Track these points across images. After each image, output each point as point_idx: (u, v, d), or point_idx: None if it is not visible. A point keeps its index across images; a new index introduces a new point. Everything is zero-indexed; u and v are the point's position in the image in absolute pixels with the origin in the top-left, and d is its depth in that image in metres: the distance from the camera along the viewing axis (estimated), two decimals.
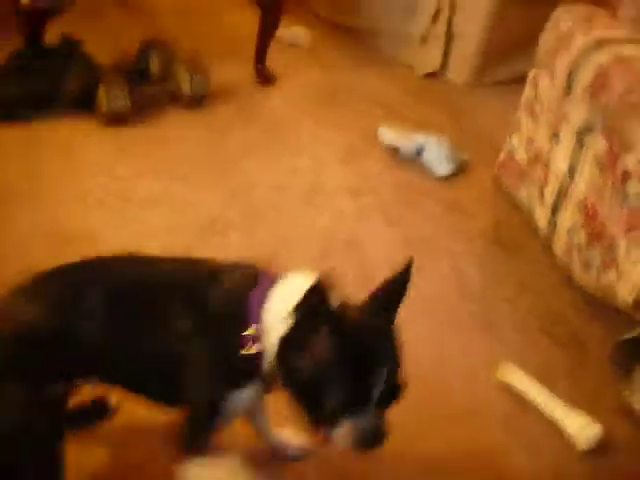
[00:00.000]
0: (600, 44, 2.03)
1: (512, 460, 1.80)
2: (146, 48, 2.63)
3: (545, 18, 2.90)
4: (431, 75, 3.20)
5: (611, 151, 1.89)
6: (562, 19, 2.26)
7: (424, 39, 3.17)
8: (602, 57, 1.99)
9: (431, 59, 3.16)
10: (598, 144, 1.96)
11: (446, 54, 3.14)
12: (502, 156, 2.49)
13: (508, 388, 1.98)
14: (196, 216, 2.38)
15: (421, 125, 2.82)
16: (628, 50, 1.99)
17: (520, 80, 2.87)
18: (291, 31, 3.21)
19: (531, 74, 2.39)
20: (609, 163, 1.90)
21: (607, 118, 1.90)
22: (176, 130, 2.64)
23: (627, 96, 1.84)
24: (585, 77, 2.02)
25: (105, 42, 2.88)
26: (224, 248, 2.27)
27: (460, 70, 3.12)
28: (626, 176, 1.83)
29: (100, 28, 2.98)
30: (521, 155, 2.37)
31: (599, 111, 1.94)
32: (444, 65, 3.14)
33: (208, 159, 2.55)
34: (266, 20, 2.71)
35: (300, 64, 3.12)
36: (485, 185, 2.65)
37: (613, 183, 1.88)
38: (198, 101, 2.59)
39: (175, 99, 2.61)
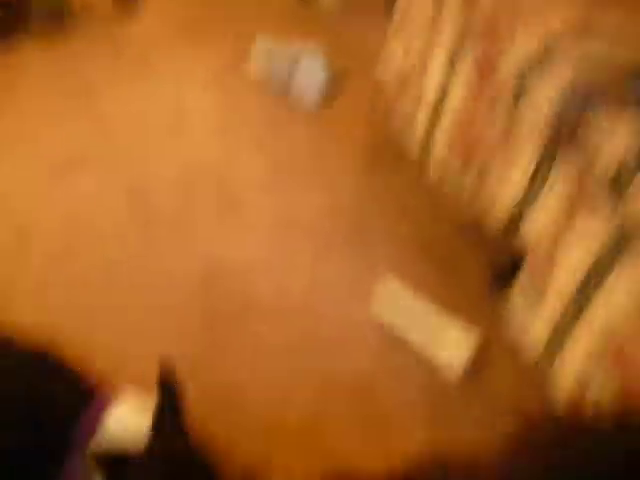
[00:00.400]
0: None
1: (382, 390, 1.76)
2: None
3: None
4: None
5: (487, 57, 1.82)
6: None
7: None
8: None
9: None
10: (474, 52, 1.88)
11: None
12: (380, 68, 2.36)
13: (381, 316, 1.94)
14: (50, 154, 2.20)
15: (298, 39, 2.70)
16: None
17: None
18: None
19: None
20: (484, 73, 1.83)
21: (483, 20, 1.82)
22: (28, 57, 2.41)
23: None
24: None
25: None
26: (80, 189, 2.12)
27: None
28: (498, 92, 1.76)
29: None
30: (399, 66, 2.27)
31: (475, 14, 1.85)
32: None
33: (65, 90, 2.34)
34: None
35: None
36: (363, 101, 2.54)
37: (488, 99, 1.81)
38: (54, 20, 2.34)
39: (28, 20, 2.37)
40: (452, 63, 1.97)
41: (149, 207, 2.06)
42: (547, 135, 1.60)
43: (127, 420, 1.15)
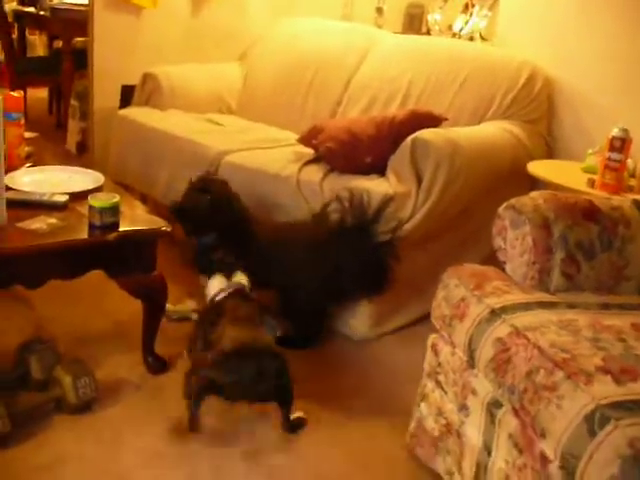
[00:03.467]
0: (496, 314, 1.91)
1: None
2: (25, 350, 2.40)
3: (433, 261, 2.98)
4: (333, 334, 3.03)
5: (525, 432, 1.74)
6: (452, 283, 2.12)
7: None
8: (499, 330, 1.86)
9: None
10: (510, 422, 1.80)
11: (343, 312, 3.03)
12: (412, 425, 2.29)
13: None
14: None
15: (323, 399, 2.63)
16: (525, 319, 1.86)
17: (417, 322, 3.02)
18: (180, 305, 3.02)
19: (430, 340, 2.22)
20: (525, 444, 1.74)
21: (515, 399, 1.74)
22: (59, 447, 2.34)
23: (533, 376, 1.68)
24: (486, 352, 1.87)
25: None
26: None
27: (356, 326, 2.99)
28: (545, 460, 1.66)
29: None
30: (431, 424, 2.19)
31: (506, 390, 1.79)
32: (342, 323, 3.04)
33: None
34: (150, 311, 2.54)
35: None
36: (397, 454, 2.46)
37: (532, 467, 1.72)
38: (85, 406, 2.36)
39: (60, 406, 2.35)
40: (492, 419, 1.89)
41: None
42: None
43: None
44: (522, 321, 1.85)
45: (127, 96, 4.09)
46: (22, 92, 2.96)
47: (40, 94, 6.13)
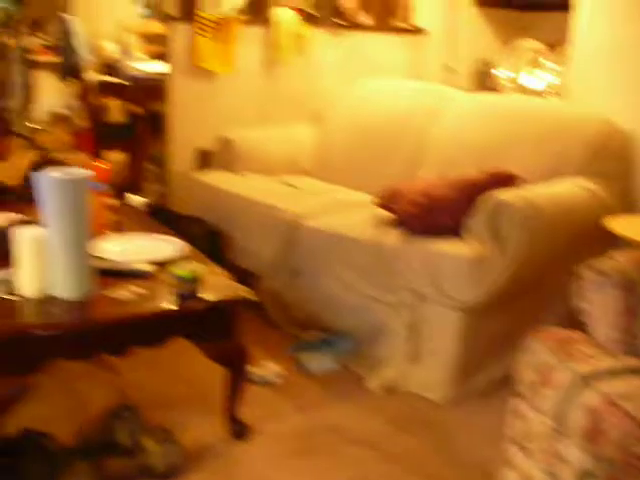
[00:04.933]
0: (585, 381, 1.86)
1: None
2: (111, 417, 2.49)
3: (511, 321, 3.01)
4: (409, 395, 3.03)
5: None
6: (535, 347, 2.08)
7: (394, 359, 3.08)
8: (589, 397, 1.81)
9: (404, 378, 3.07)
10: None
11: (420, 372, 3.05)
12: None
13: None
14: None
15: (408, 463, 2.61)
16: (616, 386, 1.82)
17: (498, 383, 2.93)
18: (261, 368, 3.06)
19: (512, 403, 2.17)
20: None
21: (611, 471, 1.71)
22: None
23: (630, 448, 1.65)
24: (576, 421, 1.83)
25: (69, 406, 2.74)
26: None
27: (436, 387, 3.00)
28: None
29: (63, 388, 2.83)
30: None
31: (601, 462, 1.74)
32: (420, 383, 3.04)
33: None
34: (232, 377, 2.58)
35: (273, 406, 2.91)
36: None
37: None
38: (170, 473, 2.43)
39: (145, 473, 2.43)
40: None
41: None
42: None
43: None
44: (613, 388, 1.81)
45: (203, 160, 4.18)
46: (109, 163, 3.03)
47: (115, 157, 6.29)
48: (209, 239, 3.62)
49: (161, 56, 5.39)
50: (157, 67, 5.03)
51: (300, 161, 4.25)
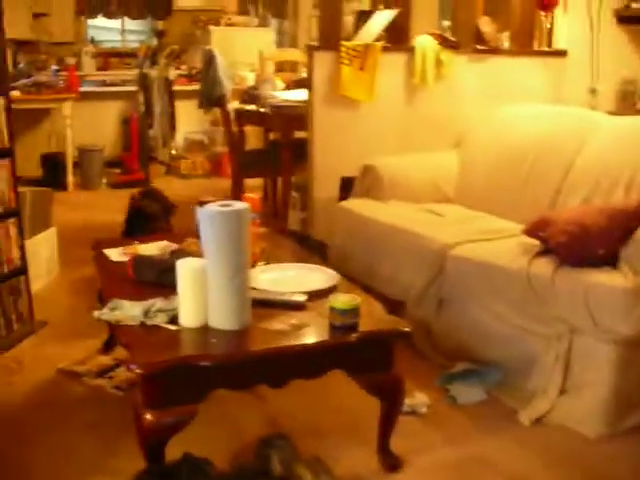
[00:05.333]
0: None
1: None
2: (265, 445, 2.53)
3: None
4: (561, 429, 2.93)
5: None
6: None
7: (545, 391, 2.99)
8: None
9: (556, 411, 2.97)
10: None
11: (572, 405, 2.95)
12: None
13: None
14: None
15: None
16: None
17: None
18: (410, 398, 2.99)
19: None
20: None
21: None
22: None
23: None
24: None
25: (222, 432, 2.81)
26: None
27: (589, 421, 2.89)
28: None
29: (217, 414, 2.85)
30: None
31: None
32: (572, 417, 2.93)
33: None
34: (387, 409, 2.56)
35: (422, 437, 2.88)
36: None
37: None
38: None
39: None
40: None
41: None
42: None
43: None
44: None
45: (346, 187, 4.21)
46: (257, 195, 3.08)
47: (254, 182, 6.42)
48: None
49: (299, 83, 5.50)
50: (297, 95, 5.11)
51: (443, 187, 4.21)
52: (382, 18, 4.35)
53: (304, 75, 5.90)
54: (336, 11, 4.32)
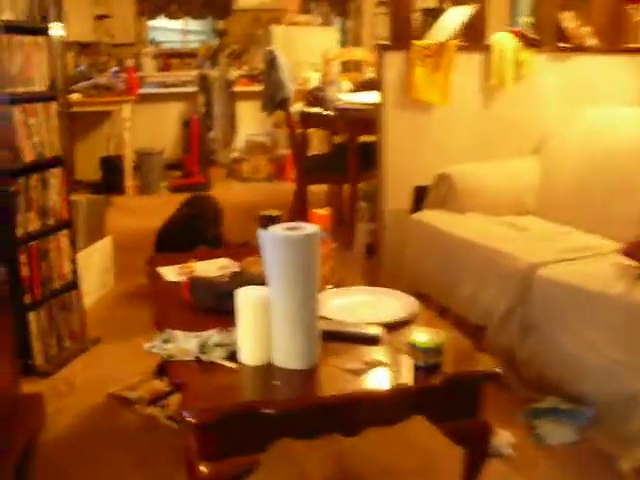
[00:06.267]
0: None
1: None
2: None
3: None
4: None
5: None
6: None
7: None
8: None
9: None
10: None
11: None
12: None
13: None
14: None
15: None
16: None
17: None
18: (494, 436, 2.72)
19: None
20: None
21: None
22: None
23: None
24: None
25: (287, 478, 2.60)
26: None
27: None
28: None
29: (280, 456, 2.50)
30: None
31: None
32: None
33: None
34: (472, 457, 2.29)
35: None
36: None
37: None
38: None
39: None
40: None
41: None
42: None
43: None
44: None
45: (419, 197, 3.92)
46: (329, 209, 2.80)
47: (317, 188, 6.16)
48: None
49: (366, 85, 5.22)
50: (363, 97, 4.84)
51: (522, 198, 3.88)
52: (457, 15, 4.04)
53: (371, 75, 5.64)
54: (407, 9, 4.02)
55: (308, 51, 8.05)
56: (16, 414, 2.60)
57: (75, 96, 6.72)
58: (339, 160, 5.00)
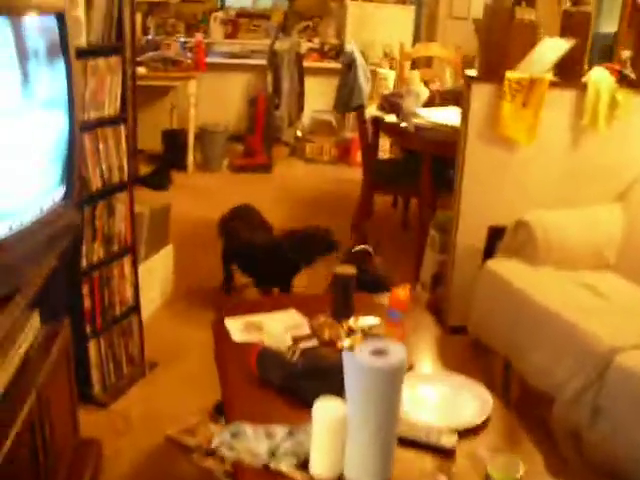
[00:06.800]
0: None
1: None
2: None
3: None
4: None
5: None
6: None
7: None
8: None
9: None
10: None
11: None
12: None
13: None
14: None
15: None
16: None
17: None
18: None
19: None
20: None
21: None
22: None
23: None
24: None
25: None
26: None
27: None
28: None
29: None
30: None
31: None
32: None
33: None
34: None
35: None
36: None
37: None
38: None
39: None
40: None
41: None
42: None
43: None
44: None
45: (493, 238, 3.76)
46: (408, 285, 2.66)
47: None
48: None
49: (445, 96, 5.03)
50: (445, 116, 4.66)
51: (603, 251, 3.68)
52: (554, 48, 3.80)
53: (453, 86, 5.45)
54: (503, 37, 3.76)
55: (382, 30, 7.84)
56: (75, 461, 2.57)
57: (141, 70, 6.57)
58: (410, 170, 4.83)
